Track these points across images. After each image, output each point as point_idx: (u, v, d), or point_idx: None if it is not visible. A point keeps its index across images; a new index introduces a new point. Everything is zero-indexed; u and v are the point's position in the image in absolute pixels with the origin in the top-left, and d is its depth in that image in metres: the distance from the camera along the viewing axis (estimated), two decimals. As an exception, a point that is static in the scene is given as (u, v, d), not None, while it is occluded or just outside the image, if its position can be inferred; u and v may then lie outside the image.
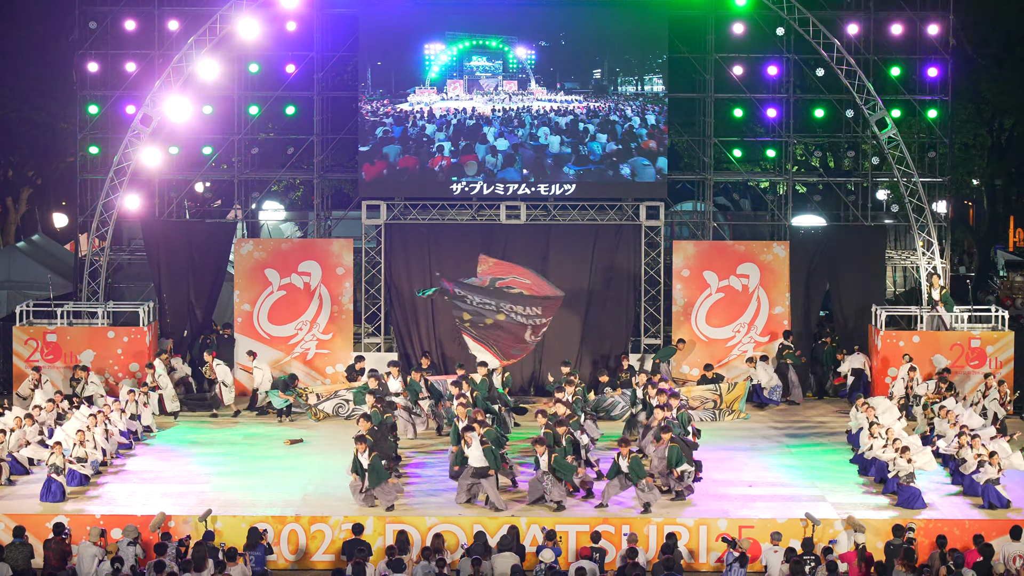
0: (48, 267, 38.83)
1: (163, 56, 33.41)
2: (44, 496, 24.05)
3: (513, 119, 33.82)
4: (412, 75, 33.84)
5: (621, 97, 33.58)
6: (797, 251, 33.86)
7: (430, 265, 34.04)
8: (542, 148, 33.83)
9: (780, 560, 21.50)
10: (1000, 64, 40.61)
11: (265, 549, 22.00)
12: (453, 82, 33.84)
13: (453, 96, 33.83)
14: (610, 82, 33.64)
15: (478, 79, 33.86)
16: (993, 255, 50.18)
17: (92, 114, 34.19)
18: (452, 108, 33.82)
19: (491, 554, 21.41)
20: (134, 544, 21.79)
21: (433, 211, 34.62)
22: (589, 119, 33.71)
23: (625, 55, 33.62)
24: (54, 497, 24.00)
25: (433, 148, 33.84)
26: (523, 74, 33.87)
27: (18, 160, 45.93)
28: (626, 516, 23.29)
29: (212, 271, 34.12)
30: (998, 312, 33.08)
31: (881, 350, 32.10)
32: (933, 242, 33.70)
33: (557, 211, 34.47)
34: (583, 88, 33.77)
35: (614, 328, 34.10)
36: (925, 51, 34.21)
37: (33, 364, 31.39)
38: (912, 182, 33.65)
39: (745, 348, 33.39)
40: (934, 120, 34.39)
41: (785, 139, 35.52)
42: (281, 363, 33.27)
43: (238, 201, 36.43)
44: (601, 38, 33.72)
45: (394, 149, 33.94)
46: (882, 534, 22.44)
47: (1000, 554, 21.73)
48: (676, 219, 38.88)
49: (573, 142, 33.80)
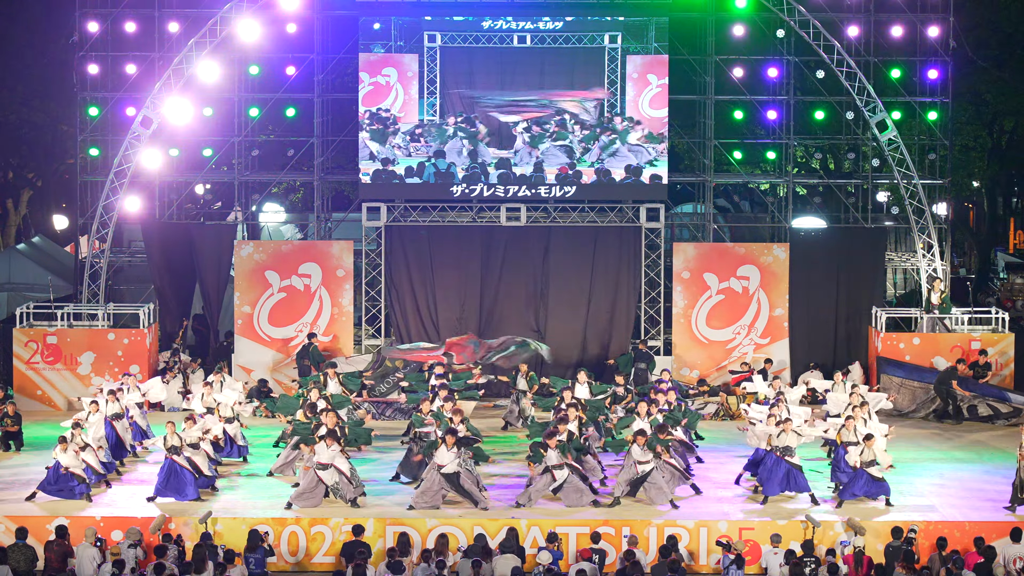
0: (48, 269, 38.84)
1: (163, 58, 33.42)
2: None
3: (513, 119, 33.83)
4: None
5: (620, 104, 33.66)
6: (797, 253, 33.86)
7: (431, 267, 34.09)
8: (542, 149, 33.82)
9: (780, 562, 21.51)
10: (1000, 66, 40.59)
11: (265, 551, 21.99)
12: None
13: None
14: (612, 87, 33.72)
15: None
16: (993, 257, 50.19)
17: (92, 116, 34.19)
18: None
19: (491, 556, 21.41)
20: (135, 546, 21.79)
21: (433, 213, 34.63)
22: (590, 120, 33.72)
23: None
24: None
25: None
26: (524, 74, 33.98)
27: (18, 162, 45.92)
28: (627, 518, 23.28)
29: (215, 274, 34.15)
30: (998, 314, 33.08)
31: (881, 352, 32.09)
32: (933, 244, 33.70)
33: (557, 213, 34.48)
34: (583, 89, 33.80)
35: (614, 330, 34.10)
36: (925, 53, 34.20)
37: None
38: (912, 184, 33.67)
39: (745, 350, 33.40)
40: (934, 122, 34.38)
41: (785, 141, 35.52)
42: (281, 365, 33.29)
43: (238, 203, 36.44)
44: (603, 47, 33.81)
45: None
46: (882, 536, 22.43)
47: (1001, 556, 21.71)
48: (676, 221, 38.89)
49: (574, 143, 33.77)
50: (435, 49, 34.00)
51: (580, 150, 33.76)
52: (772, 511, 23.69)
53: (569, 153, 33.79)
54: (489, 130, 33.83)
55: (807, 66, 34.31)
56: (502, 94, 33.87)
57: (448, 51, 34.01)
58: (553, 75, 33.91)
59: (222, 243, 34.39)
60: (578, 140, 33.73)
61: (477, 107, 33.87)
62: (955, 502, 24.42)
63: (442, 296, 34.12)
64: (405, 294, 34.19)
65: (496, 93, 33.88)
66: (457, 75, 33.93)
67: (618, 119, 33.68)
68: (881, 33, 34.05)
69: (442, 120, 33.78)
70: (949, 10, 33.96)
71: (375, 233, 34.64)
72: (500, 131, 33.90)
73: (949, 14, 33.98)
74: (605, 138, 33.74)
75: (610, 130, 33.70)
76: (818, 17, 33.09)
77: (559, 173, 33.81)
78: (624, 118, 33.69)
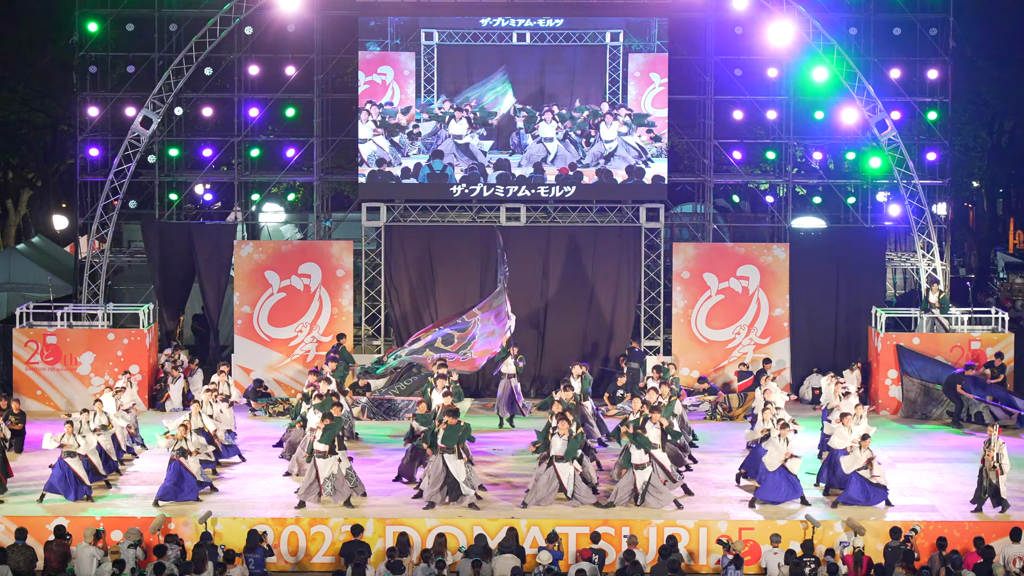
0: (48, 269, 38.84)
1: (163, 58, 33.43)
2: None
3: (514, 119, 33.84)
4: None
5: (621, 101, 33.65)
6: (797, 253, 33.86)
7: (431, 267, 34.09)
8: (543, 149, 33.81)
9: (780, 562, 21.51)
10: (1000, 66, 40.61)
11: (265, 551, 21.99)
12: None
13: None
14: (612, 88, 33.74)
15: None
16: (993, 257, 50.22)
17: (93, 116, 34.19)
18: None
19: (491, 556, 21.42)
20: (135, 546, 21.80)
21: (433, 213, 34.63)
22: (590, 121, 33.73)
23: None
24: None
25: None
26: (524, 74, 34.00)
27: (18, 162, 45.96)
28: (626, 518, 23.28)
29: (215, 274, 34.16)
30: (998, 314, 33.07)
31: (881, 352, 32.09)
32: (933, 244, 33.70)
33: (557, 213, 34.48)
34: (583, 90, 33.81)
35: (614, 330, 34.10)
36: (925, 53, 34.21)
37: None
38: (912, 184, 33.66)
39: (745, 350, 33.39)
40: (934, 122, 34.38)
41: (785, 141, 35.52)
42: (281, 365, 33.29)
43: (238, 203, 36.44)
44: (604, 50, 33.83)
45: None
46: (881, 536, 22.44)
47: (1000, 556, 21.72)
48: (676, 221, 38.88)
49: (574, 144, 33.77)
50: (432, 47, 33.89)
51: (580, 150, 33.71)
52: (772, 511, 23.67)
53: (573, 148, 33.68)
54: (484, 117, 33.67)
55: (807, 66, 34.29)
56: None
57: (446, 49, 33.92)
58: (553, 73, 33.89)
59: (222, 243, 34.39)
60: (579, 140, 33.71)
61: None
62: (955, 502, 24.41)
63: (442, 296, 34.12)
64: (405, 294, 34.19)
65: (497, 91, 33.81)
66: (455, 74, 33.83)
67: (617, 119, 33.63)
68: (881, 33, 34.04)
69: (438, 102, 33.60)
70: (949, 10, 33.97)
71: (375, 233, 34.65)
72: (500, 121, 33.71)
73: (949, 14, 33.99)
74: (606, 136, 33.66)
75: (611, 128, 33.65)
76: (818, 17, 33.09)
77: (559, 174, 33.81)
78: (624, 119, 33.63)
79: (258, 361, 33.18)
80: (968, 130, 41.29)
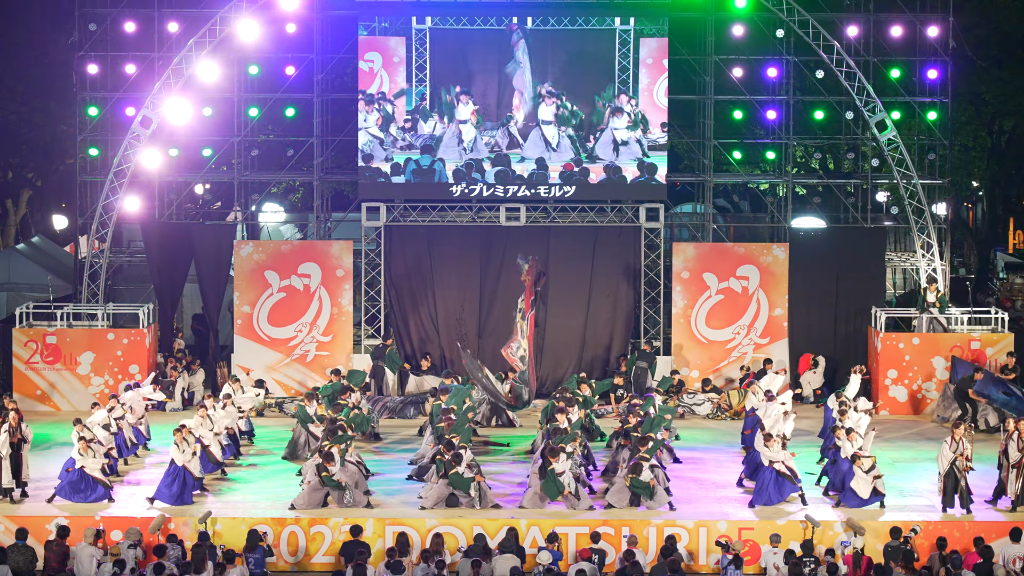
0: (48, 269, 38.82)
1: (163, 58, 33.40)
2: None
3: (514, 119, 33.81)
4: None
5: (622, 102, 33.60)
6: (797, 253, 33.86)
7: (430, 267, 34.08)
8: (542, 150, 33.78)
9: (779, 562, 21.51)
10: (1000, 66, 40.60)
11: (265, 551, 22.00)
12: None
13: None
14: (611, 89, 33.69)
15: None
16: (993, 257, 50.20)
17: (92, 116, 34.17)
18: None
19: (491, 556, 21.42)
20: (135, 547, 21.80)
21: (433, 213, 34.63)
22: (590, 121, 33.71)
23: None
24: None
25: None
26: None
27: (18, 162, 45.94)
28: (626, 518, 23.28)
29: (215, 274, 34.15)
30: (998, 314, 33.08)
31: (881, 352, 32.09)
32: (933, 244, 33.70)
33: (557, 213, 34.48)
34: (584, 91, 33.76)
35: (614, 330, 34.10)
36: (925, 53, 34.19)
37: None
38: (912, 184, 33.66)
39: (745, 350, 33.39)
40: (934, 122, 34.37)
41: (785, 141, 35.51)
42: (280, 365, 33.29)
43: (238, 203, 36.44)
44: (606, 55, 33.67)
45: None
46: (881, 536, 22.43)
47: (1000, 556, 21.72)
48: (676, 221, 38.89)
49: (573, 144, 33.75)
50: (424, 31, 33.02)
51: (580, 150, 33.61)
52: (772, 511, 23.67)
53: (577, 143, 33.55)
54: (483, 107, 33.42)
55: (806, 66, 34.30)
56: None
57: (439, 33, 33.13)
58: (556, 60, 33.35)
59: (222, 243, 34.37)
60: (579, 141, 33.65)
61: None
62: (955, 502, 24.37)
63: (441, 296, 34.12)
64: (405, 294, 34.17)
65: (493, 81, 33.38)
66: (450, 62, 33.22)
67: (625, 115, 33.49)
68: (881, 33, 34.04)
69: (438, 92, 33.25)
70: (949, 10, 33.95)
71: (375, 233, 34.64)
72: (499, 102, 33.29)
73: (949, 14, 33.97)
74: (616, 130, 33.46)
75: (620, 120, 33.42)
76: (817, 17, 33.08)
77: (563, 170, 33.72)
78: (633, 115, 33.41)
79: (258, 361, 33.17)
80: (968, 130, 41.28)
